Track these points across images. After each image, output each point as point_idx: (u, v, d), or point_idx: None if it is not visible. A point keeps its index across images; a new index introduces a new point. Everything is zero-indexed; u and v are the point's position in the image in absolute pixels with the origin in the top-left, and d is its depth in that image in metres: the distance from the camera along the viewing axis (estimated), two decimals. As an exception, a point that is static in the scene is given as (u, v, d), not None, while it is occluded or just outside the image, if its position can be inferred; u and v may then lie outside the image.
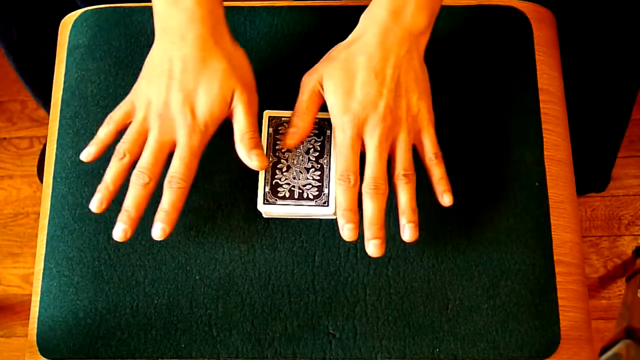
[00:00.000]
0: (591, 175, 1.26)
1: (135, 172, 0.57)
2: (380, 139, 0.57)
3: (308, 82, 0.60)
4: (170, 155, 0.58)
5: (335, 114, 0.58)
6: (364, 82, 0.57)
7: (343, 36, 0.61)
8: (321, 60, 0.61)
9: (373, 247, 0.56)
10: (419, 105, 0.59)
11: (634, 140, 1.42)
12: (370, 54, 0.58)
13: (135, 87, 0.60)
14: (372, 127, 0.57)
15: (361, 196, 0.57)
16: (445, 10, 0.70)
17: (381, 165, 0.57)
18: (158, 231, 0.56)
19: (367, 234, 0.56)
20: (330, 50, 0.61)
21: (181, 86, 0.57)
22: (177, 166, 0.57)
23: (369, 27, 0.59)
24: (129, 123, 0.59)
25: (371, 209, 0.56)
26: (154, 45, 0.60)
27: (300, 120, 0.60)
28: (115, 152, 0.58)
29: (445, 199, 0.59)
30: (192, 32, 0.57)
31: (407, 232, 0.57)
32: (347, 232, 0.56)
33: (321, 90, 0.59)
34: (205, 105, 0.57)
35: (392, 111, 0.57)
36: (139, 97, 0.59)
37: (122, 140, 0.58)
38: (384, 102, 0.57)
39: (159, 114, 0.57)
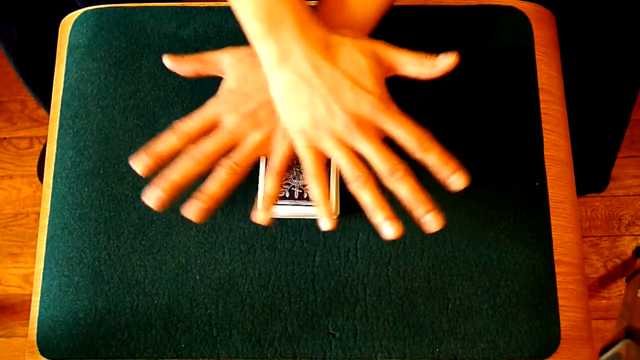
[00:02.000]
0: (590, 176, 1.26)
1: (389, 173, 0.55)
2: None
3: None
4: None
5: None
6: None
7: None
8: None
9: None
10: None
11: (634, 140, 1.42)
12: None
13: (291, 131, 0.57)
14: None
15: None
16: (445, 10, 0.70)
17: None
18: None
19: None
20: None
21: (340, 86, 0.54)
22: (413, 134, 0.55)
23: None
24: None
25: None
26: (272, 81, 0.56)
27: None
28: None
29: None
30: (305, 37, 0.54)
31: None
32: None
33: None
34: (369, 77, 0.55)
35: None
36: (300, 131, 0.56)
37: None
38: None
39: (350, 122, 0.54)
